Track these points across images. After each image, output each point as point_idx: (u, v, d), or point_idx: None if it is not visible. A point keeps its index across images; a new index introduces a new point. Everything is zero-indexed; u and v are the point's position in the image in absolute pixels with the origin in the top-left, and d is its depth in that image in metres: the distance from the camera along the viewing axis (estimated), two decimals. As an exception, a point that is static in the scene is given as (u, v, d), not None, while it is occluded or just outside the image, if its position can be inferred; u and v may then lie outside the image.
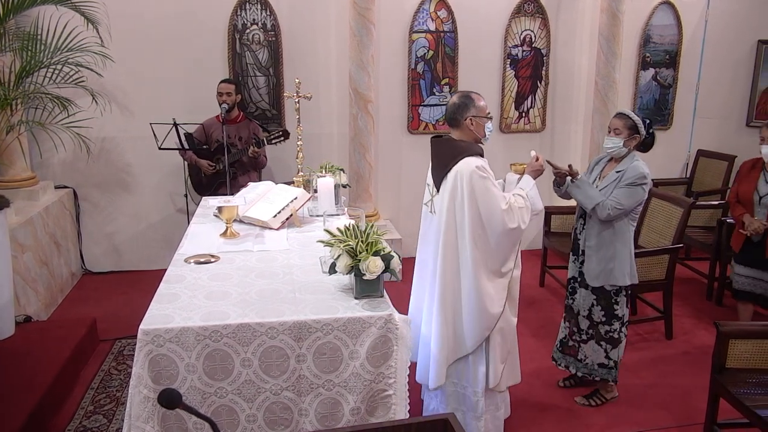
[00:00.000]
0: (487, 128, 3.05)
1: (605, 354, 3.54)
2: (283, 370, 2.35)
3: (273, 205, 3.55)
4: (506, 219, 2.88)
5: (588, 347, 3.59)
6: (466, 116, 2.99)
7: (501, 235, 2.91)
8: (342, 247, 2.48)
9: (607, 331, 3.51)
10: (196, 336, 2.27)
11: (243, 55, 5.51)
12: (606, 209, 3.30)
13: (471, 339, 3.02)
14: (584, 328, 3.59)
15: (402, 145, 5.96)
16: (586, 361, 3.62)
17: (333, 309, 2.42)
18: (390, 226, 5.88)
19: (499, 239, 2.92)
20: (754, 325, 3.30)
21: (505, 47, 5.96)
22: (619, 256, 3.39)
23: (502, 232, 2.90)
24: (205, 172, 5.03)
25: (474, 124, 3.00)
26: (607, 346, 3.53)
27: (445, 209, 2.97)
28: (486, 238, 2.93)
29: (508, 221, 2.88)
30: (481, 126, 3.02)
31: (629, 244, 3.41)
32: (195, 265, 2.89)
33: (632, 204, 3.32)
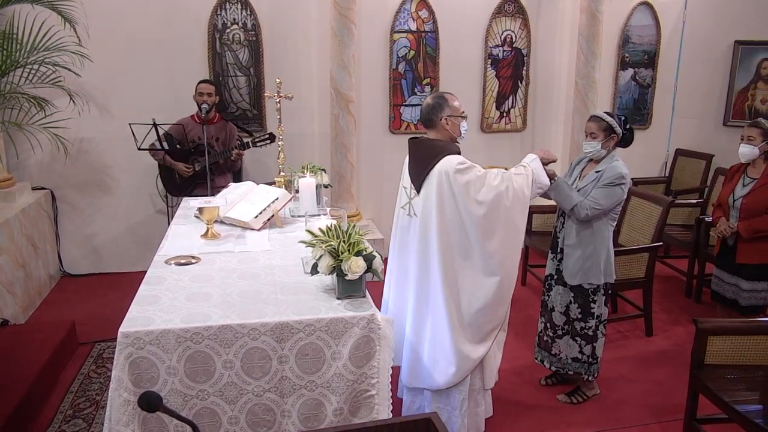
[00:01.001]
0: (463, 127, 3.07)
1: (579, 349, 3.59)
2: (265, 372, 2.34)
3: (254, 205, 3.53)
4: (502, 191, 2.89)
5: (563, 342, 3.65)
6: (441, 116, 3.01)
7: (503, 204, 2.91)
8: (324, 248, 2.47)
9: (582, 328, 3.56)
10: (176, 338, 2.25)
11: (223, 55, 5.47)
12: (584, 209, 3.33)
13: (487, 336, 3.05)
14: (559, 324, 3.64)
15: (383, 145, 5.97)
16: (560, 356, 3.67)
17: (315, 309, 2.41)
18: (372, 226, 5.88)
19: (502, 211, 2.92)
20: (732, 322, 3.35)
21: (486, 47, 5.99)
22: (597, 255, 3.43)
23: (504, 198, 2.90)
24: (183, 174, 4.99)
25: (449, 123, 3.02)
26: (581, 342, 3.58)
27: (434, 211, 2.95)
28: (490, 223, 2.91)
29: (504, 189, 2.90)
30: (457, 125, 3.04)
31: (607, 243, 3.45)
32: (176, 266, 2.87)
33: (611, 204, 3.35)
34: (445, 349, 3.02)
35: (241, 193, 3.70)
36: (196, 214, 3.56)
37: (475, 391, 3.18)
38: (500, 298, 3.02)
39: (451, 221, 2.94)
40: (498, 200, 2.90)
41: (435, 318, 3.02)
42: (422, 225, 3.02)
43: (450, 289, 2.99)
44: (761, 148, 3.85)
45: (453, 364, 3.02)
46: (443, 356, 3.03)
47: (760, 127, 3.88)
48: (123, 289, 4.37)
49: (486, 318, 3.02)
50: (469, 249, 2.96)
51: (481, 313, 3.01)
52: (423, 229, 3.02)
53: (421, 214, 3.03)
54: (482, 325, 3.03)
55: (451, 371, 3.03)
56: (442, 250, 2.96)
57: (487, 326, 3.05)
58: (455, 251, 2.96)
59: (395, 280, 3.27)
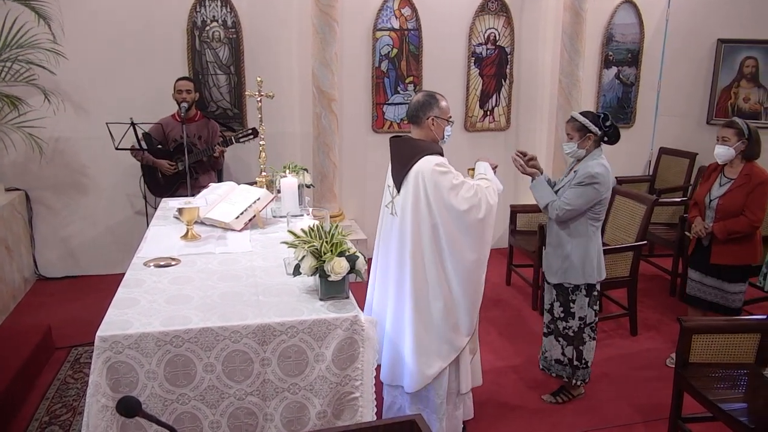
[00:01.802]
0: (447, 131, 3.09)
1: (561, 350, 3.63)
2: (247, 375, 2.33)
3: (235, 206, 3.52)
4: (475, 205, 2.92)
5: (548, 341, 3.70)
6: (429, 115, 3.02)
7: (475, 224, 2.94)
8: (306, 248, 2.47)
9: (564, 328, 3.59)
10: (156, 341, 2.23)
11: (203, 53, 5.44)
12: (555, 209, 3.39)
13: (448, 347, 3.06)
14: (546, 321, 3.71)
15: (366, 144, 5.97)
16: (545, 355, 3.72)
17: (297, 311, 2.41)
18: (355, 227, 5.88)
19: (475, 228, 2.94)
20: (716, 320, 3.40)
21: (470, 45, 6.01)
22: (574, 256, 3.44)
23: (476, 221, 2.93)
24: (165, 172, 4.96)
25: (435, 124, 3.03)
26: (563, 342, 3.61)
27: (410, 211, 2.98)
28: (457, 231, 2.94)
29: (478, 208, 2.92)
30: (441, 128, 3.06)
31: (586, 244, 3.44)
32: (155, 268, 2.85)
33: (582, 204, 3.35)
34: (417, 348, 3.05)
35: (222, 194, 3.68)
36: (176, 215, 3.53)
37: (453, 394, 3.18)
38: (467, 304, 3.04)
39: (424, 222, 2.96)
40: (470, 211, 2.93)
41: (407, 317, 3.06)
42: (401, 224, 3.05)
43: (419, 291, 3.02)
44: (737, 148, 3.82)
45: (420, 364, 3.05)
46: (417, 355, 3.05)
47: (734, 127, 3.85)
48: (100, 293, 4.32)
49: (449, 323, 3.04)
50: (439, 251, 2.98)
51: (443, 318, 3.03)
52: (401, 228, 3.05)
53: (400, 214, 3.06)
54: (447, 330, 3.05)
55: (422, 371, 3.06)
56: (414, 250, 2.99)
57: (451, 333, 3.06)
58: (426, 252, 2.99)
59: (378, 278, 3.30)
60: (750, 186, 3.77)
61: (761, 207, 3.80)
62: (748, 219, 3.76)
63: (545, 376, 3.92)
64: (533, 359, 4.19)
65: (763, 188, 3.78)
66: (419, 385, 3.09)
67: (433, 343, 3.06)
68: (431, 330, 3.05)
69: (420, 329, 3.04)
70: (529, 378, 4.00)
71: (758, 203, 3.78)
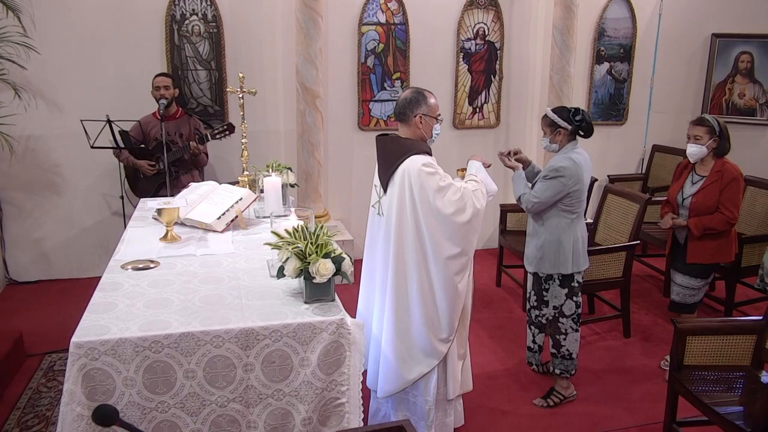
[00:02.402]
0: (435, 130, 3.10)
1: (532, 338, 3.81)
2: (229, 381, 2.32)
3: (217, 206, 3.51)
4: (460, 209, 2.93)
5: (528, 330, 3.87)
6: (417, 113, 3.02)
7: (460, 227, 2.95)
8: (290, 250, 2.46)
9: (537, 316, 3.73)
10: (134, 347, 2.22)
11: (182, 48, 5.41)
12: (525, 202, 3.55)
13: (430, 352, 3.07)
14: (526, 310, 3.90)
15: (352, 143, 5.97)
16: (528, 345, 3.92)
17: (282, 315, 2.40)
18: (341, 227, 5.88)
19: (459, 231, 2.96)
20: (711, 322, 3.42)
21: (458, 41, 6.03)
22: (547, 246, 3.55)
23: (460, 225, 2.94)
24: (146, 173, 4.92)
25: (423, 122, 3.04)
26: (534, 330, 3.78)
27: (395, 211, 3.00)
28: (444, 234, 2.96)
29: (463, 211, 2.94)
30: (430, 126, 3.07)
31: (559, 235, 3.53)
32: (133, 271, 2.83)
33: (549, 196, 3.46)
34: (396, 352, 3.07)
35: (203, 194, 3.66)
36: (155, 216, 3.51)
37: (441, 400, 3.19)
38: (448, 309, 3.04)
39: (408, 223, 2.98)
40: (455, 214, 2.94)
41: (387, 320, 3.08)
42: (386, 225, 3.07)
43: (400, 293, 3.04)
44: (709, 146, 3.85)
45: (398, 368, 3.08)
46: (396, 359, 3.08)
47: (705, 125, 3.88)
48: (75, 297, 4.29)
49: (430, 328, 3.05)
50: (423, 254, 2.99)
51: (423, 322, 3.04)
52: (387, 229, 3.06)
53: (386, 214, 3.07)
54: (427, 335, 3.05)
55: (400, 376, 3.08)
56: (397, 251, 3.01)
57: (432, 338, 3.07)
58: (408, 254, 3.00)
59: (366, 280, 3.31)
60: (723, 183, 3.84)
61: (736, 203, 3.86)
62: (725, 216, 3.83)
63: (537, 379, 3.95)
64: (525, 362, 4.21)
65: (736, 184, 3.84)
66: (393, 391, 3.11)
67: (413, 348, 3.07)
68: (411, 334, 3.06)
69: (399, 333, 3.06)
70: (521, 381, 4.02)
71: (732, 199, 3.84)
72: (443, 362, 3.13)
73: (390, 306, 3.06)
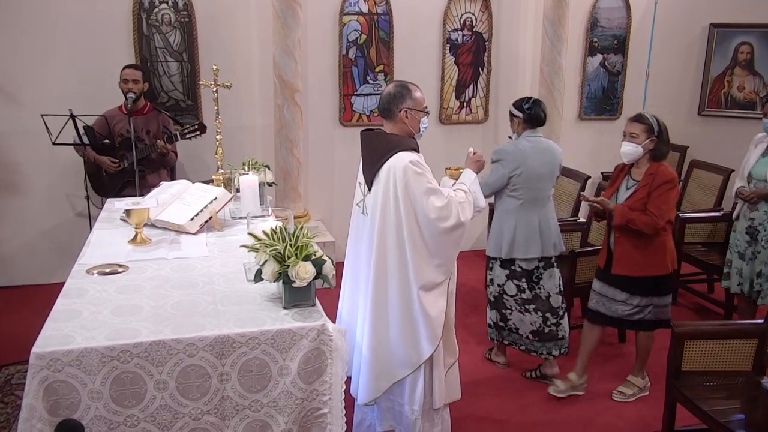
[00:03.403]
0: (423, 124, 3.11)
1: (488, 314, 4.26)
2: (203, 392, 2.31)
3: (190, 206, 3.49)
4: (444, 216, 2.94)
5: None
6: (402, 108, 3.03)
7: (440, 235, 2.96)
8: (268, 252, 2.46)
9: (488, 294, 4.22)
10: (101, 358, 2.19)
11: (151, 38, 5.37)
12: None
13: (409, 358, 3.07)
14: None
15: (333, 139, 5.96)
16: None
17: (259, 321, 2.39)
18: (322, 228, 5.87)
19: (439, 239, 2.98)
20: (710, 325, 3.46)
21: (444, 31, 6.04)
22: (492, 229, 4.08)
23: (441, 232, 2.96)
24: (108, 170, 4.87)
25: (409, 117, 3.04)
26: (488, 307, 4.22)
27: (379, 209, 3.01)
28: (424, 240, 2.98)
29: (446, 219, 2.95)
30: (416, 120, 3.07)
31: (503, 220, 3.97)
32: (99, 276, 2.81)
33: (493, 180, 3.90)
34: (374, 358, 3.09)
35: (175, 193, 3.64)
36: (123, 217, 3.49)
37: (428, 409, 3.19)
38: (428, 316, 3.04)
39: (390, 222, 2.99)
40: (437, 221, 2.95)
41: (367, 324, 3.09)
42: (371, 224, 3.07)
43: (380, 296, 3.04)
44: (645, 146, 3.63)
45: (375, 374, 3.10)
46: (374, 365, 3.09)
47: (643, 122, 3.66)
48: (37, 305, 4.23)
49: (409, 334, 3.06)
50: (402, 256, 3.00)
51: (401, 327, 3.05)
52: (371, 228, 3.07)
53: (370, 213, 3.08)
54: (406, 341, 3.07)
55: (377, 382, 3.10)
56: (379, 252, 3.02)
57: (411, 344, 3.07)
58: (390, 256, 3.01)
59: (349, 284, 3.31)
60: (653, 186, 3.60)
61: (664, 209, 3.58)
62: (651, 218, 3.56)
63: (527, 387, 3.98)
64: (515, 368, 4.24)
65: (667, 187, 3.60)
66: (371, 397, 3.13)
67: (391, 353, 3.08)
68: (389, 338, 3.07)
69: (378, 337, 3.07)
70: (511, 389, 4.04)
71: (661, 204, 3.58)
72: (429, 370, 3.13)
73: (369, 309, 3.07)
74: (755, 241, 4.28)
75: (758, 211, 4.25)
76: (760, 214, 4.23)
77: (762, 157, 4.29)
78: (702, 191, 5.59)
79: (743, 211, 4.36)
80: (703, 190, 5.58)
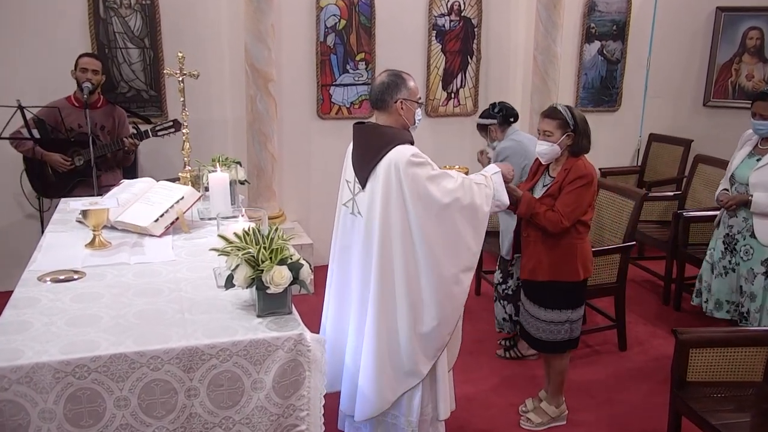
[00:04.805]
0: (417, 115, 3.14)
1: (504, 309, 4.53)
2: (169, 409, 2.28)
3: (154, 206, 3.46)
4: (458, 197, 2.96)
5: (496, 306, 4.60)
6: (397, 98, 3.05)
7: (459, 218, 2.97)
8: (240, 256, 2.44)
9: (504, 289, 4.50)
10: (54, 373, 2.16)
11: (109, 22, 5.32)
12: None
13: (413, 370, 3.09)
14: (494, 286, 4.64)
15: (311, 133, 5.95)
16: (497, 319, 4.61)
17: (231, 330, 2.37)
18: (299, 229, 5.86)
19: (457, 225, 2.98)
20: (716, 332, 3.48)
21: (430, 16, 6.05)
22: (502, 229, 4.54)
23: (459, 213, 2.97)
24: (58, 169, 4.80)
25: (404, 108, 3.06)
26: (503, 302, 4.52)
27: (378, 209, 2.99)
28: (438, 235, 2.97)
29: (461, 199, 2.96)
30: (411, 111, 3.10)
31: (507, 220, 4.33)
32: (52, 284, 2.77)
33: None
34: (377, 371, 3.07)
35: (137, 192, 3.62)
36: (79, 219, 3.45)
37: (426, 422, 3.21)
38: (440, 327, 3.07)
39: (395, 224, 2.98)
40: (450, 208, 2.96)
41: (368, 336, 3.08)
42: (367, 226, 3.05)
43: (384, 307, 3.03)
44: (562, 143, 3.50)
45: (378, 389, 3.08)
46: (376, 379, 3.09)
47: (556, 117, 3.50)
48: (-14, 315, 4.16)
49: (416, 346, 3.08)
50: (414, 261, 3.00)
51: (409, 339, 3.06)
52: (367, 231, 3.05)
53: (366, 213, 3.06)
54: (412, 353, 3.08)
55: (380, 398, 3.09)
56: (381, 258, 3.00)
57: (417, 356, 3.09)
58: (395, 261, 3.00)
59: (335, 290, 3.31)
60: (565, 181, 3.49)
61: (572, 208, 3.46)
62: (557, 215, 3.44)
63: (520, 398, 3.99)
64: (508, 380, 4.26)
65: (579, 183, 3.46)
66: (374, 413, 3.12)
67: (396, 367, 3.08)
68: (395, 352, 3.07)
69: (382, 350, 3.05)
70: (504, 402, 4.04)
71: (571, 200, 3.47)
72: (431, 379, 3.15)
73: (372, 320, 3.04)
74: (732, 251, 4.24)
75: (737, 218, 4.20)
76: (739, 221, 4.19)
77: (747, 158, 4.22)
78: (707, 188, 5.60)
79: (723, 218, 4.35)
80: (708, 187, 5.58)
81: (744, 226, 4.15)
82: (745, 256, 4.15)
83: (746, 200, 4.08)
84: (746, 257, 4.14)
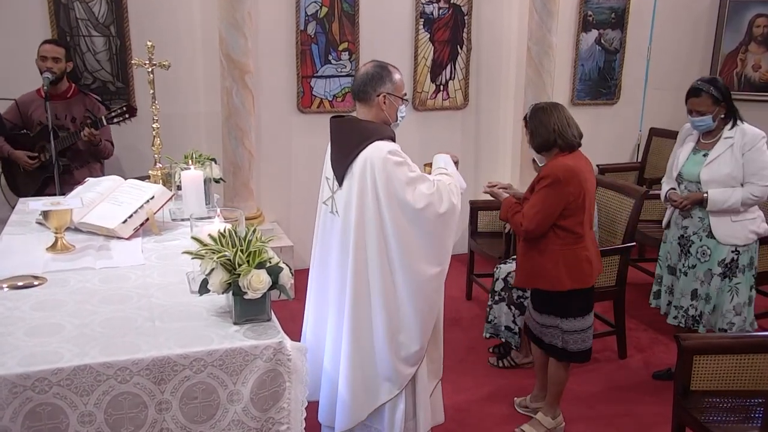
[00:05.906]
0: (400, 112, 3.16)
1: (513, 318, 4.40)
2: (138, 424, 2.26)
3: (122, 207, 3.46)
4: (434, 202, 2.97)
5: (498, 308, 4.46)
6: (380, 91, 3.06)
7: (434, 224, 3.00)
8: (216, 259, 2.43)
9: (519, 297, 4.37)
10: (11, 388, 2.13)
11: (71, 8, 5.28)
12: None
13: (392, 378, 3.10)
14: (498, 289, 4.47)
15: (291, 128, 5.95)
16: (494, 322, 4.50)
17: (206, 339, 2.36)
18: (278, 231, 5.85)
19: (433, 229, 3.01)
20: (722, 338, 3.50)
21: (417, 4, 6.06)
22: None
23: (435, 219, 2.99)
24: (25, 166, 4.76)
25: (387, 102, 3.08)
26: (515, 311, 4.39)
27: (354, 208, 3.01)
28: (413, 236, 2.99)
29: (438, 205, 2.98)
30: (394, 107, 3.12)
31: None
32: (9, 290, 2.75)
33: None
34: (353, 379, 3.10)
35: (103, 191, 3.61)
36: (40, 220, 3.44)
37: (408, 433, 3.23)
38: (417, 328, 3.09)
39: (370, 222, 3.00)
40: (426, 211, 2.98)
41: (344, 341, 3.10)
42: (343, 226, 3.08)
43: (359, 308, 3.05)
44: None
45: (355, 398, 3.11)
46: (353, 387, 3.11)
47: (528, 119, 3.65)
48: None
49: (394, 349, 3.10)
50: (388, 260, 3.02)
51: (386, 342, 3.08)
52: (344, 230, 3.07)
53: (342, 212, 3.08)
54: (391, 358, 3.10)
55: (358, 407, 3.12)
56: (356, 257, 3.03)
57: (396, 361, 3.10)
58: (370, 261, 3.02)
59: (315, 294, 3.32)
60: (535, 180, 3.57)
61: (539, 207, 3.49)
62: (520, 218, 3.55)
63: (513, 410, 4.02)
64: (500, 390, 4.27)
65: (544, 183, 3.50)
66: (352, 423, 3.14)
67: (374, 374, 3.11)
68: (372, 358, 3.10)
69: (358, 357, 3.08)
70: (496, 413, 4.06)
71: (537, 201, 3.51)
72: (412, 389, 3.16)
73: (348, 324, 3.07)
74: (687, 254, 4.21)
75: (692, 218, 4.17)
76: (695, 221, 4.15)
77: (693, 155, 4.20)
78: (712, 185, 5.66)
79: (674, 219, 4.31)
80: (712, 184, 5.65)
81: (700, 226, 4.12)
82: (702, 258, 4.13)
83: (701, 198, 4.05)
84: (703, 258, 4.12)
